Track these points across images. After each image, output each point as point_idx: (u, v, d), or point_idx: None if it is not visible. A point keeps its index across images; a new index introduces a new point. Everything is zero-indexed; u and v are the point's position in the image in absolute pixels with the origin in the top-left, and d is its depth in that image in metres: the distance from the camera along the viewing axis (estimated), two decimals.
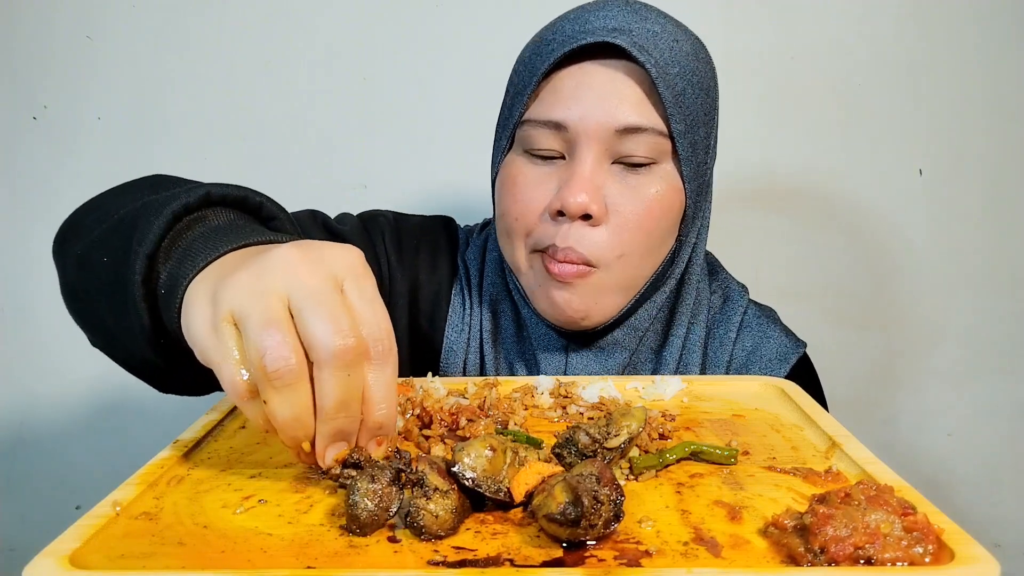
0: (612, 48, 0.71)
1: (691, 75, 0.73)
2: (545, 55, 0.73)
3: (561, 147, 0.73)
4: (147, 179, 0.68)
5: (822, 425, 0.60)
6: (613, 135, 0.71)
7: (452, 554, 0.41)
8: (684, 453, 0.54)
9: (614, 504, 0.42)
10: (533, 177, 0.75)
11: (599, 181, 0.72)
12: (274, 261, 0.46)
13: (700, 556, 0.41)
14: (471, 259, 0.88)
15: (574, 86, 0.72)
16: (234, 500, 0.49)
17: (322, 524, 0.45)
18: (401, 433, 0.60)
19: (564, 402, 0.67)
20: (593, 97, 0.71)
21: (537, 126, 0.73)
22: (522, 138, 0.75)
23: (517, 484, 0.46)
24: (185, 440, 0.58)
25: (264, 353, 0.43)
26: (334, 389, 0.44)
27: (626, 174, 0.73)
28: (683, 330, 0.83)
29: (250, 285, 0.45)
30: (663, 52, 0.71)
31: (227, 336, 0.45)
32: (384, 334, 0.46)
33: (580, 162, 0.71)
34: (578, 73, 0.72)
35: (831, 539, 0.39)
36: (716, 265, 0.92)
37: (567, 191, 0.71)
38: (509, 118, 0.77)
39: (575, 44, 0.71)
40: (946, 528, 0.41)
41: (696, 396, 0.69)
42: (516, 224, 0.76)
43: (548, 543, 0.42)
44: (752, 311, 0.88)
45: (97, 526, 0.44)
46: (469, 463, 0.45)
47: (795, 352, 0.84)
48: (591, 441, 0.51)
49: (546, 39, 0.75)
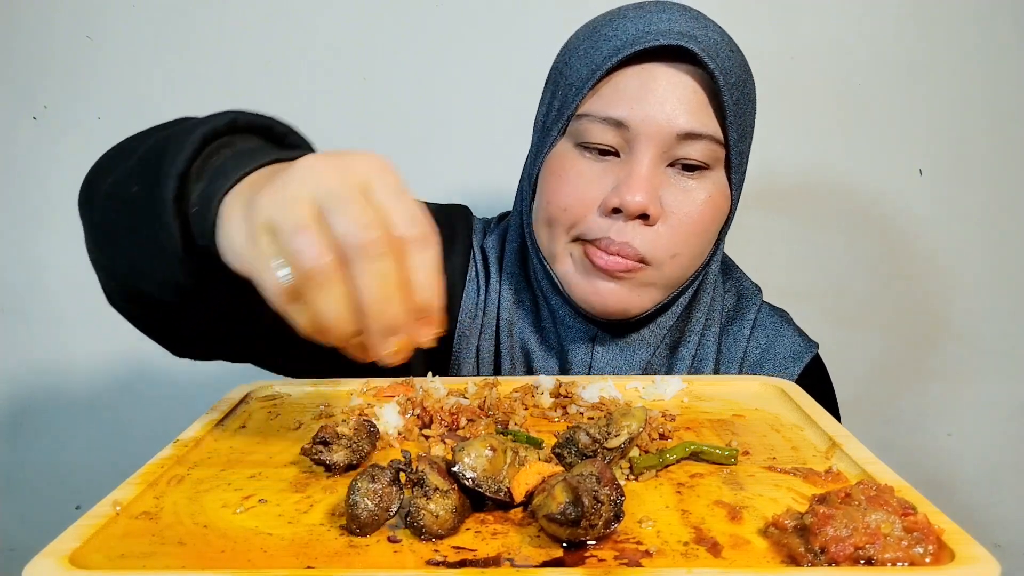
0: (677, 52, 0.72)
1: (744, 86, 0.75)
2: (608, 52, 0.73)
3: (617, 144, 0.74)
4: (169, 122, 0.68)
5: (822, 425, 0.60)
6: (673, 139, 0.72)
7: (452, 554, 0.41)
8: (684, 453, 0.54)
9: (614, 504, 0.42)
10: (587, 171, 0.75)
11: (656, 182, 0.73)
12: (300, 170, 0.47)
13: (700, 556, 0.41)
14: (490, 248, 0.89)
15: (638, 86, 0.72)
16: (234, 500, 0.48)
17: (322, 524, 0.45)
18: (401, 433, 0.60)
19: (564, 402, 0.67)
20: (657, 99, 0.72)
21: (596, 121, 0.74)
22: (576, 131, 0.76)
23: (517, 484, 0.46)
24: (185, 440, 0.58)
25: (299, 255, 0.44)
26: (368, 283, 0.45)
27: (680, 177, 0.74)
28: (699, 327, 0.84)
29: (280, 195, 0.46)
30: (724, 60, 0.73)
31: (264, 245, 0.46)
32: (415, 221, 0.47)
33: (638, 162, 0.72)
34: (643, 73, 0.72)
35: (831, 539, 0.39)
36: (730, 265, 0.93)
37: (626, 190, 0.72)
38: (562, 109, 0.77)
39: (646, 44, 0.71)
40: (946, 528, 0.41)
41: (696, 396, 0.69)
42: (562, 214, 0.76)
43: (548, 543, 0.42)
44: (766, 310, 0.89)
45: (97, 526, 0.44)
46: (469, 463, 0.45)
47: (808, 352, 0.85)
48: (591, 441, 0.51)
49: (606, 35, 0.75)
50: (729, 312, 0.88)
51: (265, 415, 0.65)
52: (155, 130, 0.66)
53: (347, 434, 0.53)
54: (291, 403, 0.68)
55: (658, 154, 0.73)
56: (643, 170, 0.72)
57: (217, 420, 0.63)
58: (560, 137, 0.78)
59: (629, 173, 0.72)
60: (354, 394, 0.68)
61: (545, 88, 0.82)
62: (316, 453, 0.51)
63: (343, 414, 0.64)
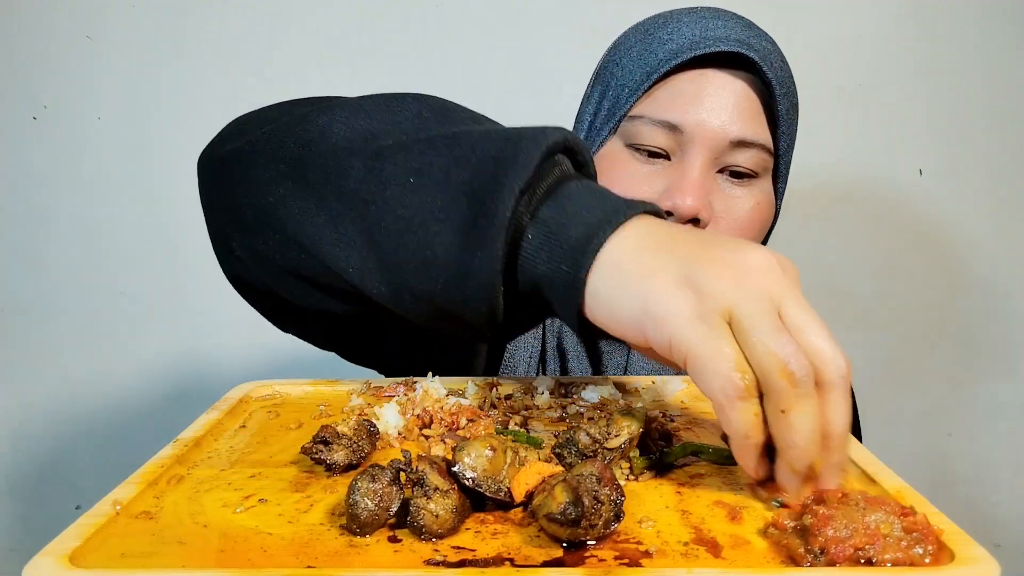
0: (733, 59, 0.72)
1: (793, 96, 0.76)
2: (664, 55, 0.73)
3: (669, 147, 0.74)
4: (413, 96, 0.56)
5: None
6: (726, 145, 0.72)
7: (452, 554, 0.41)
8: (684, 453, 0.54)
9: (614, 504, 0.42)
10: (638, 172, 0.75)
11: (708, 187, 0.73)
12: (756, 260, 0.44)
13: (700, 556, 0.41)
14: None
15: (695, 91, 0.73)
16: (234, 500, 0.48)
17: (322, 524, 0.45)
18: (401, 433, 0.60)
19: (564, 402, 0.67)
20: (713, 105, 0.72)
21: (649, 123, 0.74)
22: (628, 132, 0.76)
23: (517, 484, 0.46)
24: (185, 440, 0.58)
25: (788, 360, 0.41)
26: (801, 427, 0.42)
27: (730, 184, 0.75)
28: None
29: (738, 282, 0.43)
30: (778, 71, 0.73)
31: (723, 332, 0.42)
32: (833, 354, 0.44)
33: (691, 167, 0.73)
34: (700, 79, 0.73)
35: (831, 540, 0.39)
36: None
37: (679, 193, 0.72)
38: (614, 109, 0.76)
39: (705, 49, 0.71)
40: (946, 529, 0.41)
41: (696, 396, 0.69)
42: None
43: (548, 543, 0.42)
44: None
45: (97, 525, 0.44)
46: (469, 463, 0.45)
47: None
48: (591, 441, 0.51)
49: (660, 38, 0.75)
50: None
51: (265, 415, 0.65)
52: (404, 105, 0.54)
53: (347, 434, 0.53)
54: (291, 403, 0.68)
55: (710, 159, 0.73)
56: (696, 174, 0.72)
57: (217, 420, 0.63)
58: (610, 136, 0.78)
59: (682, 176, 0.73)
60: (354, 394, 0.68)
61: (592, 88, 0.82)
62: (316, 452, 0.52)
63: (343, 414, 0.64)
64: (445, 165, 0.48)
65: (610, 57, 0.80)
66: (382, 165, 0.50)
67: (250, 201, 0.55)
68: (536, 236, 0.46)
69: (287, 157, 0.54)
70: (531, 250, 0.46)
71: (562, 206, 0.46)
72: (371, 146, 0.51)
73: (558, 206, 0.46)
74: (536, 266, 0.46)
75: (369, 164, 0.50)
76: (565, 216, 0.46)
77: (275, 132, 0.55)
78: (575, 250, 0.45)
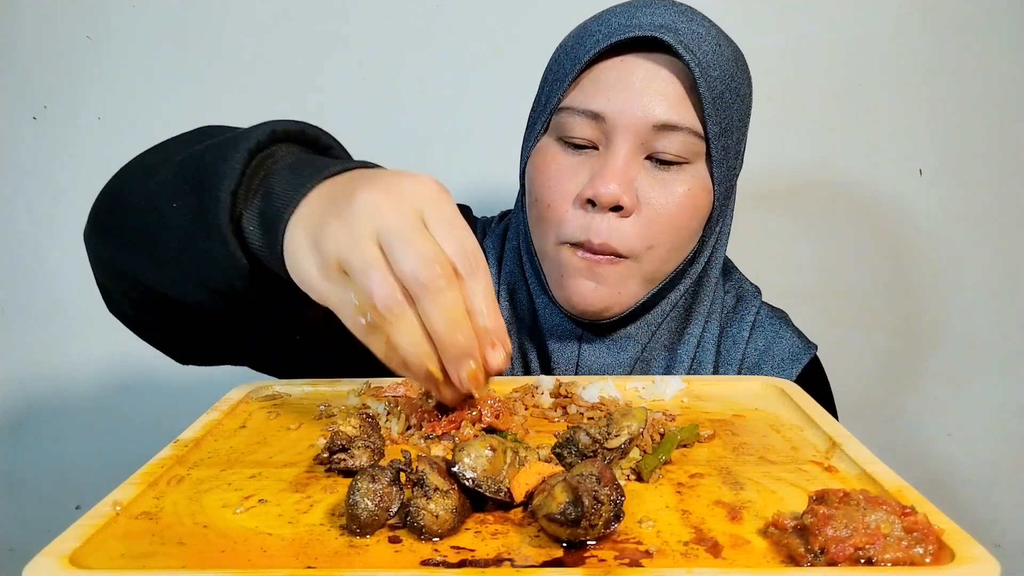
0: (657, 44, 0.72)
1: (730, 80, 0.74)
2: (589, 45, 0.74)
3: (596, 137, 0.74)
4: (194, 130, 0.68)
5: (822, 425, 0.60)
6: (650, 130, 0.72)
7: (452, 554, 0.41)
8: (674, 445, 0.54)
9: (614, 504, 0.42)
10: (566, 165, 0.75)
11: (632, 174, 0.73)
12: (361, 204, 0.50)
13: (700, 556, 0.41)
14: (489, 247, 0.89)
15: (616, 78, 0.73)
16: (234, 500, 0.49)
17: (322, 524, 0.45)
18: (402, 434, 0.60)
19: (564, 402, 0.67)
20: (634, 91, 0.72)
21: (575, 114, 0.74)
22: (558, 125, 0.76)
23: (517, 484, 0.46)
24: (185, 440, 0.58)
25: (372, 295, 0.48)
26: (437, 315, 0.48)
27: (658, 170, 0.74)
28: (699, 329, 0.83)
29: (345, 231, 0.49)
30: (707, 53, 0.72)
31: (339, 283, 0.50)
32: (469, 250, 0.51)
33: (614, 154, 0.72)
34: (620, 65, 0.73)
35: (831, 539, 0.39)
36: (730, 266, 0.93)
37: (599, 181, 0.72)
38: (546, 104, 0.77)
39: (621, 36, 0.72)
40: (946, 528, 0.41)
41: (696, 396, 0.69)
42: (548, 212, 0.76)
43: (548, 543, 0.42)
44: (765, 312, 0.89)
45: (97, 526, 0.44)
46: (469, 463, 0.45)
47: (807, 353, 0.85)
48: (592, 441, 0.51)
49: (591, 29, 0.75)
50: (728, 313, 0.88)
51: (265, 415, 0.65)
52: (178, 143, 0.66)
53: (357, 434, 0.53)
54: (291, 403, 0.68)
55: (635, 146, 0.73)
56: (618, 161, 0.72)
57: (217, 420, 0.63)
58: (544, 132, 0.78)
59: (604, 164, 0.73)
60: (351, 393, 0.69)
61: (539, 88, 0.83)
62: (339, 463, 0.51)
63: (341, 414, 0.64)
64: (184, 184, 0.58)
65: (552, 55, 0.81)
66: (152, 195, 0.60)
67: (102, 255, 0.67)
68: (251, 228, 0.54)
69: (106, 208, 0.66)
70: (253, 240, 0.55)
71: (267, 195, 0.54)
72: (144, 182, 0.62)
73: (265, 196, 0.54)
74: (261, 253, 0.55)
75: (143, 196, 0.61)
76: (268, 204, 0.54)
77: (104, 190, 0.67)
78: (270, 233, 0.53)
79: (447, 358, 0.50)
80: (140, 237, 0.62)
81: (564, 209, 0.75)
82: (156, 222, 0.60)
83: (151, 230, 0.61)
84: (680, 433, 0.56)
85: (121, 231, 0.65)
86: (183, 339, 0.72)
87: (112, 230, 0.66)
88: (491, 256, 0.88)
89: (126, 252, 0.64)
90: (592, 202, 0.73)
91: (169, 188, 0.60)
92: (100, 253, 0.68)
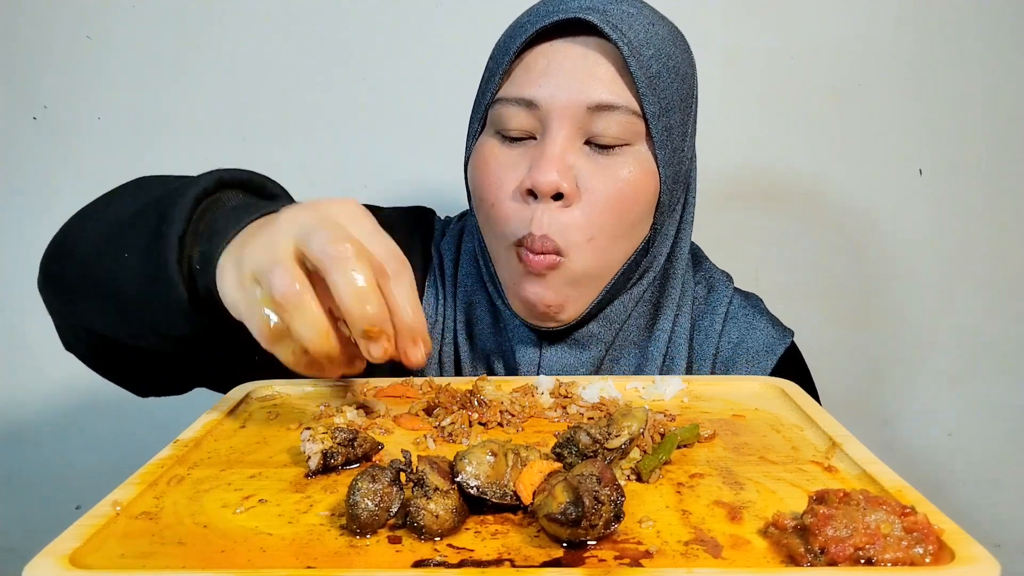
0: (585, 27, 0.70)
1: (666, 59, 0.72)
2: (518, 35, 0.73)
3: (532, 127, 0.72)
4: (134, 181, 0.71)
5: (822, 425, 0.60)
6: (584, 113, 0.70)
7: (452, 554, 0.41)
8: (674, 445, 0.54)
9: (615, 504, 0.42)
10: (505, 159, 0.74)
11: (570, 160, 0.71)
12: (281, 219, 0.52)
13: (700, 556, 0.41)
14: (446, 249, 0.87)
15: (545, 64, 0.71)
16: (234, 500, 0.49)
17: (322, 524, 0.45)
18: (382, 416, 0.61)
19: (564, 402, 0.67)
20: (564, 74, 0.70)
21: (508, 104, 0.73)
22: (494, 119, 0.75)
23: (523, 486, 0.46)
24: (185, 440, 0.58)
25: (272, 287, 0.49)
26: (345, 285, 0.48)
27: (598, 155, 0.72)
28: (669, 324, 0.81)
29: (263, 244, 0.51)
30: (637, 33, 0.70)
31: (250, 290, 0.51)
32: (391, 252, 0.52)
33: (550, 141, 0.70)
34: (549, 51, 0.71)
35: (831, 540, 0.39)
36: (700, 255, 0.91)
37: (537, 170, 0.70)
38: (481, 100, 0.76)
39: (547, 21, 0.71)
40: (946, 528, 0.41)
41: (696, 396, 0.69)
42: (492, 211, 0.74)
43: (548, 543, 0.42)
44: (737, 301, 0.87)
45: (97, 526, 0.44)
46: (472, 471, 0.45)
47: (782, 343, 0.83)
48: (592, 441, 0.51)
49: (521, 21, 0.75)
50: (700, 305, 0.85)
51: (265, 415, 0.65)
52: (123, 195, 0.69)
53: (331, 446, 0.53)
54: (291, 403, 0.68)
55: (571, 131, 0.71)
56: (555, 148, 0.70)
57: (217, 420, 0.63)
58: (482, 130, 0.77)
59: (541, 153, 0.71)
60: (351, 393, 0.69)
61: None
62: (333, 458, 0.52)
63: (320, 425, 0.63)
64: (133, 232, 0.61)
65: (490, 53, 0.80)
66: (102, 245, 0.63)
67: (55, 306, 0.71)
68: (196, 268, 0.57)
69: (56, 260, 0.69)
70: (199, 280, 0.57)
71: (209, 236, 0.57)
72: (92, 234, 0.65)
73: (207, 237, 0.57)
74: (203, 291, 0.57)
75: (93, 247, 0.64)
76: (209, 243, 0.56)
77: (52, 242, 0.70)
78: (207, 269, 0.55)
79: (356, 331, 0.50)
80: (92, 287, 0.64)
81: (506, 205, 0.73)
82: (107, 272, 0.62)
83: (102, 280, 0.63)
84: (680, 433, 0.56)
85: (72, 282, 0.66)
86: (140, 377, 0.74)
87: (63, 281, 0.68)
88: (448, 257, 0.86)
89: (79, 302, 0.66)
90: (533, 193, 0.71)
91: (118, 238, 0.62)
92: (53, 303, 0.70)
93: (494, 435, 0.60)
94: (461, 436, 0.60)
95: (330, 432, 0.53)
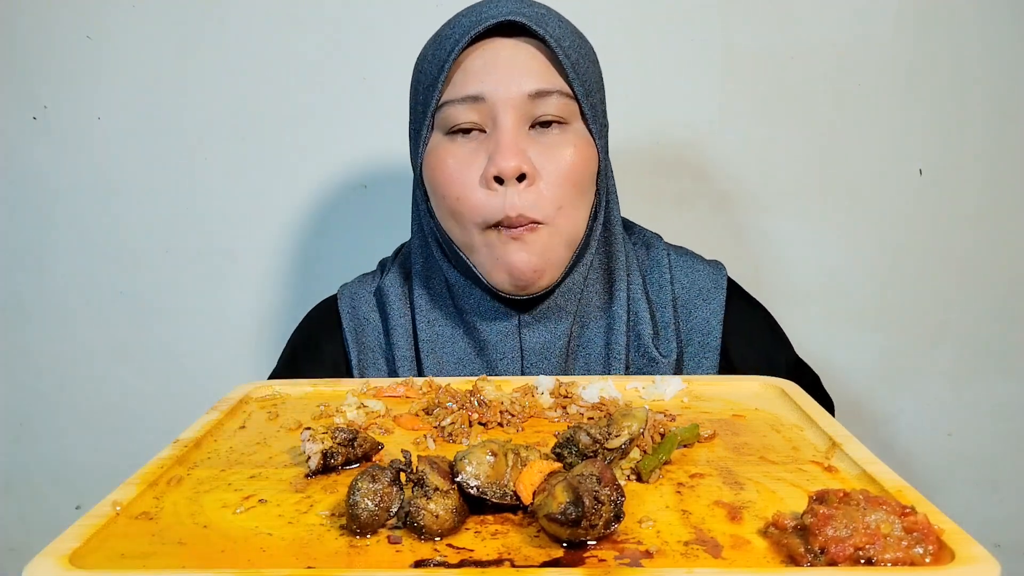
0: (513, 28, 0.78)
1: (580, 49, 0.81)
2: (451, 44, 0.79)
3: (481, 120, 0.79)
4: None
5: (822, 425, 0.60)
6: (527, 100, 0.77)
7: (452, 554, 0.41)
8: (674, 445, 0.54)
9: (615, 504, 0.42)
10: (461, 153, 0.79)
11: (523, 144, 0.78)
12: None
13: (700, 556, 0.41)
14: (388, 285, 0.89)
15: (483, 63, 0.78)
16: (234, 500, 0.49)
17: (322, 524, 0.45)
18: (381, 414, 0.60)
19: (564, 402, 0.67)
20: (503, 68, 0.78)
21: (455, 105, 0.79)
22: (442, 121, 0.80)
23: (524, 486, 0.46)
24: (185, 440, 0.58)
25: None
26: None
27: (543, 136, 0.79)
28: (624, 284, 0.87)
29: None
30: (555, 29, 0.79)
31: None
32: None
33: (503, 130, 0.77)
34: (484, 51, 0.79)
35: (831, 539, 0.39)
36: (627, 222, 0.97)
37: (499, 157, 0.76)
38: (424, 109, 0.81)
39: (481, 27, 0.77)
40: (946, 528, 0.41)
41: (696, 396, 0.70)
42: (459, 204, 0.79)
43: (548, 543, 0.42)
44: (673, 252, 0.94)
45: (97, 526, 0.44)
46: (472, 471, 0.45)
47: (721, 274, 0.91)
48: (592, 441, 0.51)
49: (445, 34, 0.81)
50: (645, 262, 0.92)
51: (265, 415, 0.65)
52: None
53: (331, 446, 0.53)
54: (291, 403, 0.68)
55: (517, 118, 0.78)
56: (509, 135, 0.77)
57: (217, 420, 0.63)
58: (431, 134, 0.82)
59: (497, 141, 0.77)
60: (350, 393, 0.69)
61: (410, 106, 0.86)
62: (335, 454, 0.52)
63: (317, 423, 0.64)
64: None
65: (413, 74, 0.86)
66: None
67: None
68: None
69: None
70: None
71: None
72: None
73: None
74: None
75: None
76: None
77: None
78: None
79: None
80: None
81: (474, 195, 0.78)
82: None
83: None
84: (680, 433, 0.56)
85: None
86: None
87: None
88: (394, 292, 0.89)
89: None
90: (499, 179, 0.77)
91: None
92: None
93: (494, 435, 0.61)
94: (461, 436, 0.60)
95: (330, 432, 0.53)
